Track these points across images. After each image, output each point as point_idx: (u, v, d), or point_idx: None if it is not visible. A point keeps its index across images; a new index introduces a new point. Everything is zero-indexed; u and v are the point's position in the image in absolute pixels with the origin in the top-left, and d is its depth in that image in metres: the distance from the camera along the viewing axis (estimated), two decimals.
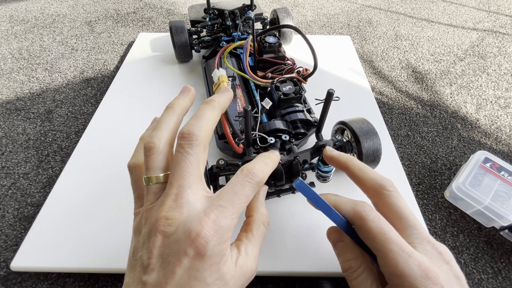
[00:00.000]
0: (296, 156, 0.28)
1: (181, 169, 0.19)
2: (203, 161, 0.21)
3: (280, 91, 0.35)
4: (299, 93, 0.35)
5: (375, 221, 0.21)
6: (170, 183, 0.19)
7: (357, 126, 0.31)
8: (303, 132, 0.35)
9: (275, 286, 0.28)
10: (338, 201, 0.23)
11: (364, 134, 0.31)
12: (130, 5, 0.73)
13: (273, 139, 0.31)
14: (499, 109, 0.48)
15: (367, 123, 0.32)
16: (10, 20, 0.65)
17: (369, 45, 0.61)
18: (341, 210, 0.23)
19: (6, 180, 0.36)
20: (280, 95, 0.35)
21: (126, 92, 0.46)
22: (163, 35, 0.59)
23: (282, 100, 0.35)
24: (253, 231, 0.22)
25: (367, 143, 0.31)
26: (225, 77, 0.33)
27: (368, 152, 0.31)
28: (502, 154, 0.42)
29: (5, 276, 0.29)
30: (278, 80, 0.36)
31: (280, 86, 0.36)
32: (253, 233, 0.22)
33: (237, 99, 0.38)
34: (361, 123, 0.32)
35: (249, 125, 0.28)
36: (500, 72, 0.56)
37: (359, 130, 0.31)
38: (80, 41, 0.60)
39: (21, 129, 0.43)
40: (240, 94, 0.39)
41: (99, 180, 0.35)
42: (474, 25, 0.69)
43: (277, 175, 0.28)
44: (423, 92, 0.51)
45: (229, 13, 0.49)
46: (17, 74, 0.52)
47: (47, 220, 0.31)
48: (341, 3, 0.77)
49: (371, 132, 0.31)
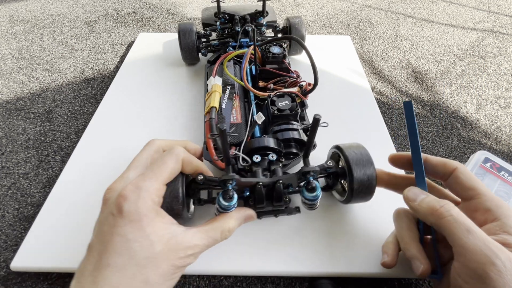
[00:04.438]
0: (278, 180, 0.27)
1: (133, 160, 0.25)
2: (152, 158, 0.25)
3: (275, 106, 0.33)
4: (295, 110, 0.33)
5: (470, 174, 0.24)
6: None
7: (352, 154, 0.28)
8: (295, 152, 0.32)
9: (275, 286, 0.28)
10: (428, 156, 0.26)
11: (358, 163, 0.27)
12: (130, 5, 0.73)
13: (259, 157, 0.30)
14: (499, 109, 0.48)
15: (363, 150, 0.29)
16: (10, 20, 0.65)
17: (369, 45, 0.61)
18: (431, 160, 0.26)
19: (6, 180, 0.36)
20: (274, 110, 0.33)
21: (126, 92, 0.46)
22: (163, 35, 0.59)
23: (275, 116, 0.33)
24: (209, 224, 0.24)
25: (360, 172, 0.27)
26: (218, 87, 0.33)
27: (361, 184, 0.27)
28: (502, 154, 0.42)
29: (5, 276, 0.29)
30: (275, 93, 0.34)
31: (276, 101, 0.33)
32: (207, 225, 0.24)
33: (233, 109, 0.36)
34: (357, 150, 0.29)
35: (226, 144, 0.25)
36: (500, 72, 0.56)
37: (353, 158, 0.28)
38: (80, 41, 0.60)
39: (21, 129, 0.43)
40: (237, 104, 0.37)
41: (99, 180, 0.35)
42: (474, 25, 0.69)
43: (257, 196, 0.27)
44: (423, 92, 0.51)
45: (240, 18, 0.48)
46: (17, 74, 0.52)
47: (47, 220, 0.31)
48: (341, 3, 0.77)
49: (366, 162, 0.28)
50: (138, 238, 0.20)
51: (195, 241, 0.22)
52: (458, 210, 0.21)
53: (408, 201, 0.24)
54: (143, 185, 0.22)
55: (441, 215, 0.21)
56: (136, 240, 0.20)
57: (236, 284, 0.28)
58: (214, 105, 0.31)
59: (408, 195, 0.24)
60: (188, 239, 0.22)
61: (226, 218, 0.25)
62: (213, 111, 0.30)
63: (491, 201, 0.22)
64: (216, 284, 0.28)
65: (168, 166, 0.23)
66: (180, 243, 0.21)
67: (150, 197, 0.21)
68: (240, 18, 0.48)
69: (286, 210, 0.30)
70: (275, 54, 0.39)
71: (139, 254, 0.20)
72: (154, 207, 0.22)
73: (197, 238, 0.23)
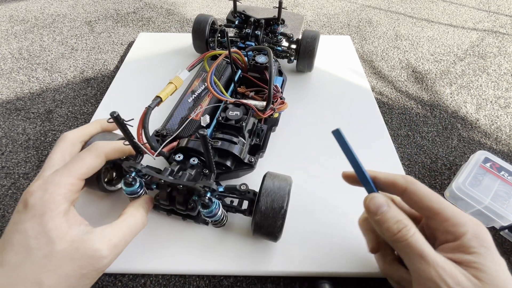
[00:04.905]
0: (179, 184, 0.26)
1: (47, 159, 0.24)
2: (71, 152, 0.25)
3: (225, 114, 0.32)
4: (239, 123, 0.31)
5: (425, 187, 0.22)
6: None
7: (269, 183, 0.27)
8: (227, 166, 0.31)
9: (275, 286, 0.28)
10: (377, 173, 0.24)
11: (269, 194, 0.26)
12: (130, 5, 0.73)
13: (181, 157, 0.29)
14: (499, 109, 0.48)
15: (284, 183, 0.27)
16: (10, 20, 0.65)
17: (369, 45, 0.61)
18: (380, 179, 0.24)
19: (6, 180, 0.36)
20: (220, 118, 0.32)
21: (126, 92, 0.46)
22: (163, 35, 0.59)
23: (219, 123, 0.32)
24: (119, 219, 0.24)
25: (266, 203, 0.26)
26: (178, 80, 0.31)
27: (263, 216, 0.25)
28: (502, 154, 0.42)
29: None
30: (234, 101, 0.33)
31: (229, 109, 0.32)
32: (119, 220, 0.23)
33: (199, 106, 0.36)
34: (278, 182, 0.27)
35: (125, 130, 0.24)
36: (500, 72, 0.56)
37: (267, 187, 0.26)
38: (80, 41, 0.60)
39: (21, 129, 0.43)
40: (206, 103, 0.36)
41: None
42: (474, 25, 0.69)
43: (160, 192, 0.27)
44: (423, 92, 0.51)
45: (254, 21, 0.47)
46: (17, 74, 0.52)
47: None
48: (341, 3, 0.77)
49: (279, 195, 0.26)
50: (37, 234, 0.18)
51: (106, 246, 0.20)
52: (414, 233, 0.20)
53: (369, 213, 0.23)
54: (53, 180, 0.21)
55: (397, 240, 0.21)
56: (35, 237, 0.18)
57: (236, 284, 0.28)
58: (160, 95, 0.30)
59: (369, 206, 0.23)
60: (98, 244, 0.20)
61: (132, 207, 0.25)
62: (156, 101, 0.29)
63: (448, 221, 0.20)
64: (216, 284, 0.28)
65: (86, 162, 0.23)
66: (87, 247, 0.19)
67: (59, 192, 0.20)
68: (255, 21, 0.47)
69: (194, 218, 0.30)
70: (257, 63, 0.38)
71: (37, 252, 0.18)
72: (64, 203, 0.20)
73: (109, 240, 0.21)
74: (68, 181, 0.21)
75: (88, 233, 0.20)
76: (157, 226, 0.31)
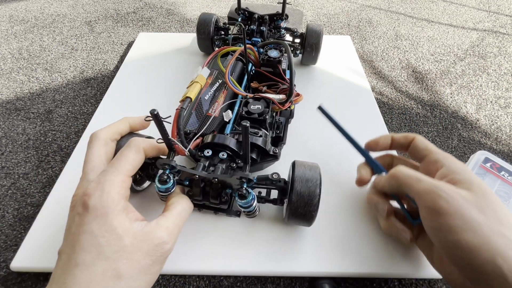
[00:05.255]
0: (214, 178, 0.26)
1: (85, 162, 0.24)
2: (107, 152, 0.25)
3: (247, 108, 0.33)
4: (263, 116, 0.32)
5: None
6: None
7: (301, 170, 0.27)
8: (253, 158, 0.31)
9: (275, 286, 0.28)
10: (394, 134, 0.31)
11: (302, 179, 0.27)
12: (130, 5, 0.73)
13: (210, 152, 0.29)
14: (499, 109, 0.48)
15: (315, 171, 0.28)
16: (10, 20, 0.65)
17: (369, 45, 0.61)
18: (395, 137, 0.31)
19: (6, 180, 0.36)
20: (243, 111, 0.32)
21: (126, 92, 0.46)
22: (163, 35, 0.59)
23: (242, 117, 0.32)
24: (169, 208, 0.25)
25: (301, 187, 0.26)
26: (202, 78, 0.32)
27: (300, 198, 0.26)
28: (502, 154, 0.42)
29: (5, 276, 0.29)
30: (254, 96, 0.34)
31: (250, 103, 0.33)
32: (168, 210, 0.24)
33: (216, 102, 0.36)
34: (308, 169, 0.28)
35: (162, 129, 0.25)
36: (500, 72, 0.56)
37: (299, 174, 0.27)
38: (80, 41, 0.60)
39: (21, 129, 0.43)
40: (222, 99, 0.37)
41: None
42: (474, 25, 0.69)
43: (193, 187, 0.28)
44: (423, 92, 0.51)
45: (258, 17, 0.47)
46: (17, 74, 0.52)
47: (47, 220, 0.31)
48: (341, 3, 0.77)
49: (312, 181, 0.27)
50: (105, 233, 0.19)
51: (167, 233, 0.22)
52: (407, 169, 0.26)
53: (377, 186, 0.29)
54: (106, 180, 0.21)
55: (396, 177, 0.26)
56: (103, 235, 0.19)
57: (236, 284, 0.28)
58: (189, 96, 0.30)
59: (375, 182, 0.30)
60: (159, 233, 0.22)
61: (177, 195, 0.26)
62: (187, 101, 0.30)
63: (437, 154, 0.27)
64: (216, 284, 0.28)
65: (129, 158, 0.23)
66: (152, 238, 0.21)
67: (115, 190, 0.21)
68: (259, 17, 0.48)
69: (226, 211, 0.31)
70: (270, 57, 0.38)
71: (108, 249, 0.19)
72: (121, 200, 0.21)
73: (167, 228, 0.22)
74: (119, 179, 0.22)
75: (147, 225, 0.22)
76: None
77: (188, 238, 0.30)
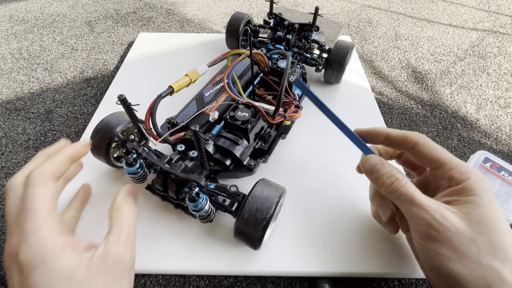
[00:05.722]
0: (173, 173, 0.26)
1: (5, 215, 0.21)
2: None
3: (233, 113, 0.32)
4: (245, 125, 0.31)
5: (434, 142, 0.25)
6: None
7: (258, 190, 0.26)
8: (226, 164, 0.31)
9: (275, 286, 0.28)
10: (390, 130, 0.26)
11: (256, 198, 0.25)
12: (130, 5, 0.73)
13: (183, 147, 0.30)
14: (499, 109, 0.48)
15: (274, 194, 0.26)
16: (10, 20, 0.65)
17: (369, 45, 0.61)
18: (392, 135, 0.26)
19: (6, 180, 0.36)
20: (228, 117, 0.32)
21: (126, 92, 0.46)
22: (163, 35, 0.59)
23: (225, 122, 0.32)
24: (113, 222, 0.23)
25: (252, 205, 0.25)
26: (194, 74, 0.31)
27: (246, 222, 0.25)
28: (502, 154, 0.42)
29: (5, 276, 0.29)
30: (246, 103, 0.33)
31: (239, 109, 0.32)
32: (113, 223, 0.23)
33: (215, 101, 0.36)
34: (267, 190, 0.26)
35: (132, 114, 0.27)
36: (500, 72, 0.56)
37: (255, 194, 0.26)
38: (80, 41, 0.60)
39: (21, 129, 0.43)
40: (222, 99, 0.36)
41: (100, 180, 0.35)
42: (474, 25, 0.69)
43: (156, 178, 0.28)
44: (423, 92, 0.51)
45: (288, 25, 0.46)
46: (17, 74, 0.52)
47: None
48: (341, 3, 0.77)
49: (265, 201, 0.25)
50: (52, 279, 0.18)
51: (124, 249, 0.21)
52: (405, 183, 0.23)
53: (366, 172, 0.25)
54: (26, 228, 0.19)
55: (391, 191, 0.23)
56: (50, 281, 0.18)
57: (236, 284, 0.28)
58: (172, 86, 0.30)
59: (365, 166, 0.25)
60: (117, 251, 0.21)
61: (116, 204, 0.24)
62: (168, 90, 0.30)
63: (455, 168, 0.23)
64: (216, 284, 0.28)
65: (41, 194, 0.21)
66: (113, 258, 0.20)
67: (44, 233, 0.19)
68: (288, 24, 0.46)
69: (184, 208, 0.30)
70: (278, 67, 0.38)
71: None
72: (58, 238, 0.19)
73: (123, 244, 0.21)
74: (41, 221, 0.20)
75: (98, 249, 0.21)
76: (154, 223, 0.31)
77: (188, 238, 0.30)
